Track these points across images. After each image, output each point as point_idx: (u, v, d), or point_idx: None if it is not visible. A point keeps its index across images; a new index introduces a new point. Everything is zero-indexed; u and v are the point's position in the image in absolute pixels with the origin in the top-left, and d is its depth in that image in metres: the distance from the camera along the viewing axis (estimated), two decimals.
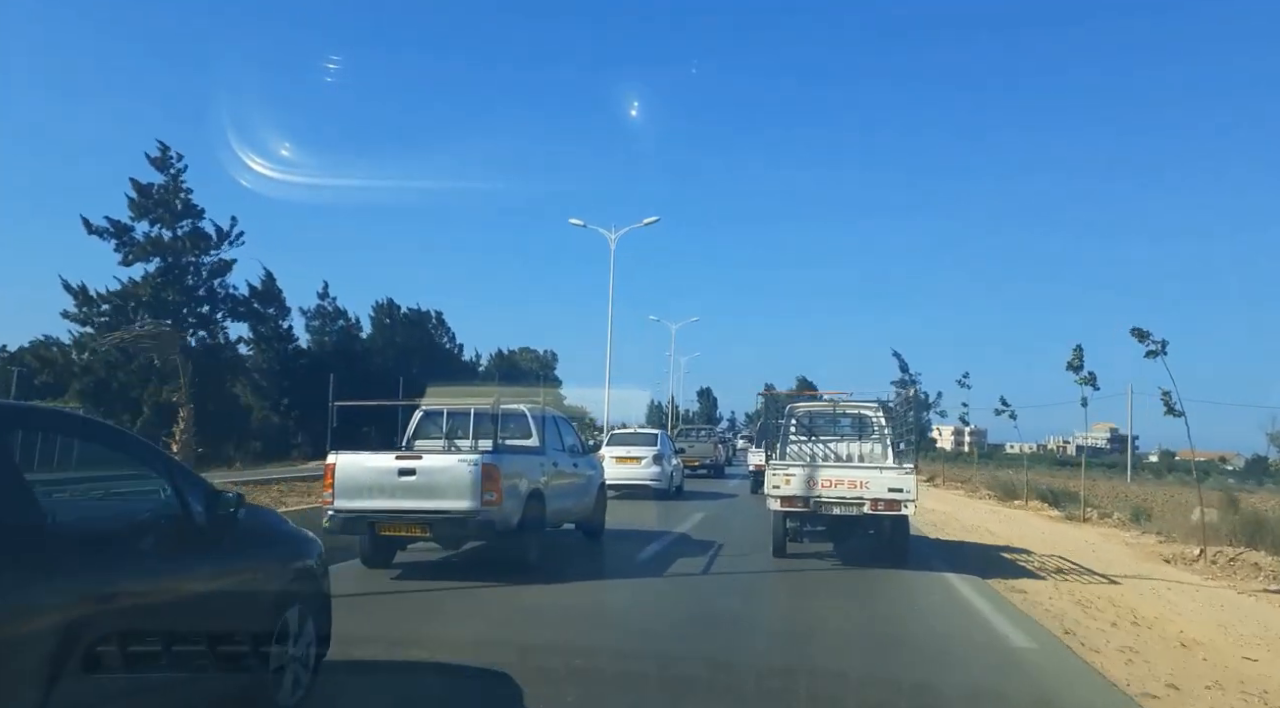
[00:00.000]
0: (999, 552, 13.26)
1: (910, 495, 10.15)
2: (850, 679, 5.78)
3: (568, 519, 11.76)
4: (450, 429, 11.34)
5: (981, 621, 7.98)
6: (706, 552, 11.78)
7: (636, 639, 7.00)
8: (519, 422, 11.10)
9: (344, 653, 5.77)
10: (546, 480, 10.43)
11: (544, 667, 5.80)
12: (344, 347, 44.32)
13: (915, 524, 12.77)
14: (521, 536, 9.55)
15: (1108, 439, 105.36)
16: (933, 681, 5.83)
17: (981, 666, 6.42)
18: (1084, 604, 8.94)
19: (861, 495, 10.25)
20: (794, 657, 6.51)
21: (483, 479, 8.89)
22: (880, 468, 10.81)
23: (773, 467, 10.95)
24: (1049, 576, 10.91)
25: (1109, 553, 13.93)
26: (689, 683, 5.64)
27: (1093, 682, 6.01)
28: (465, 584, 9.14)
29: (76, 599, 3.24)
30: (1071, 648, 6.93)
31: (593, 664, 5.94)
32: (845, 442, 12.81)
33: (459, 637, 6.75)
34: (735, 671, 5.98)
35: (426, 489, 8.95)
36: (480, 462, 8.95)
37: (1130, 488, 43.36)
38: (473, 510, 8.89)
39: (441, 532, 9.10)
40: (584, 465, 12.43)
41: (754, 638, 7.06)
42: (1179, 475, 58.21)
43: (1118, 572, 11.51)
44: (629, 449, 20.97)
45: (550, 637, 6.93)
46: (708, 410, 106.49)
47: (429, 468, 9.05)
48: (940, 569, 10.72)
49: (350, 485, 9.08)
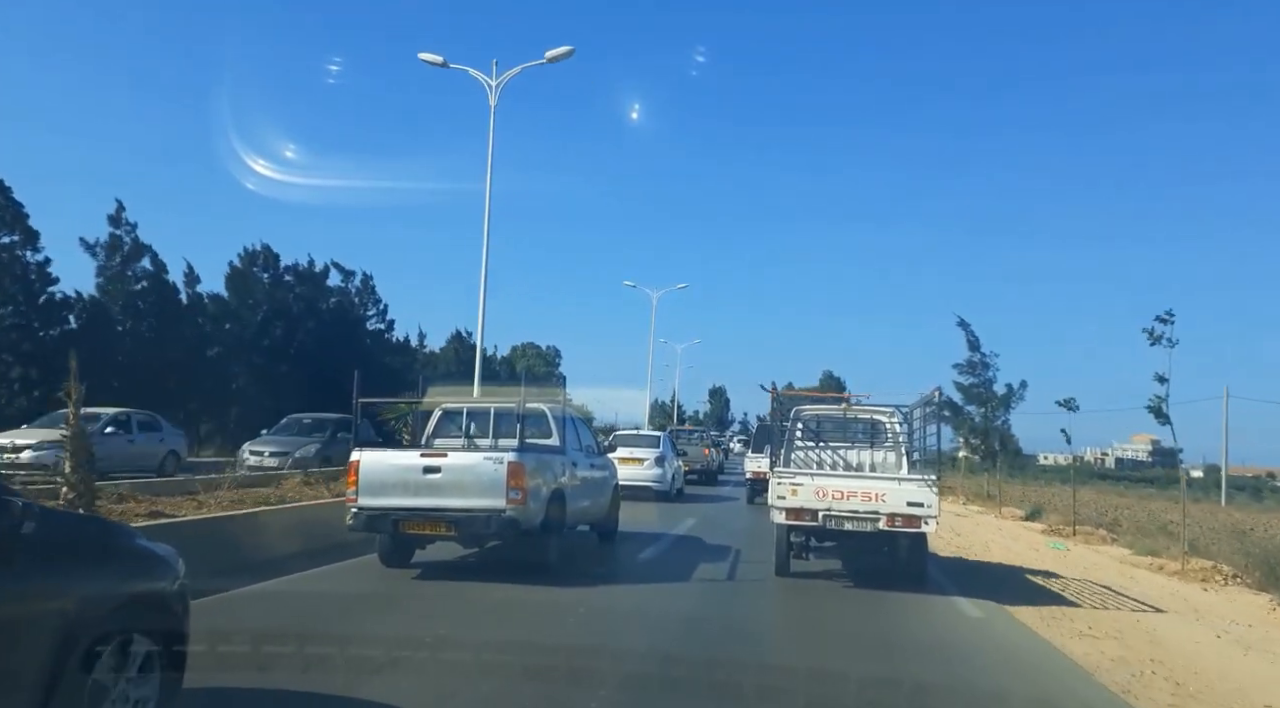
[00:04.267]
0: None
1: (932, 511, 9.38)
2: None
3: (585, 520, 11.68)
4: (467, 428, 11.26)
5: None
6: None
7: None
8: (539, 421, 11.02)
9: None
10: (567, 481, 10.36)
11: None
12: (162, 304, 31.71)
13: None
14: (543, 536, 9.48)
15: (1149, 452, 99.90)
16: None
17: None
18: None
19: (877, 510, 9.43)
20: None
21: (509, 477, 8.81)
22: (899, 480, 9.97)
23: (777, 475, 10.04)
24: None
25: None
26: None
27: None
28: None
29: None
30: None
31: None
32: (856, 449, 11.92)
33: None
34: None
35: (451, 487, 8.86)
36: (507, 460, 8.87)
37: (1230, 514, 31.68)
38: (498, 509, 8.81)
39: (466, 531, 9.01)
40: (600, 466, 12.36)
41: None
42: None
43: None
44: (632, 450, 21.02)
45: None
46: (719, 411, 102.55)
47: (455, 466, 8.96)
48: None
49: (374, 483, 8.98)
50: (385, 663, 5.60)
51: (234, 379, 34.47)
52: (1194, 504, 33.92)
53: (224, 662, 5.20)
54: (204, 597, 5.90)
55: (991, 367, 35.53)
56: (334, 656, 5.66)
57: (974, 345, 35.80)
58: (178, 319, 32.22)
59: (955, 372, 36.09)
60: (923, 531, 9.60)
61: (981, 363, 35.65)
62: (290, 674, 5.27)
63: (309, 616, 7.42)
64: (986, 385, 35.44)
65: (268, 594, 8.02)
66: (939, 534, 13.03)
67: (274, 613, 7.47)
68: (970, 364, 35.99)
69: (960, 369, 36.17)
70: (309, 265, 39.23)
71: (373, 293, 42.06)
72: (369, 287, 41.60)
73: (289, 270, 38.25)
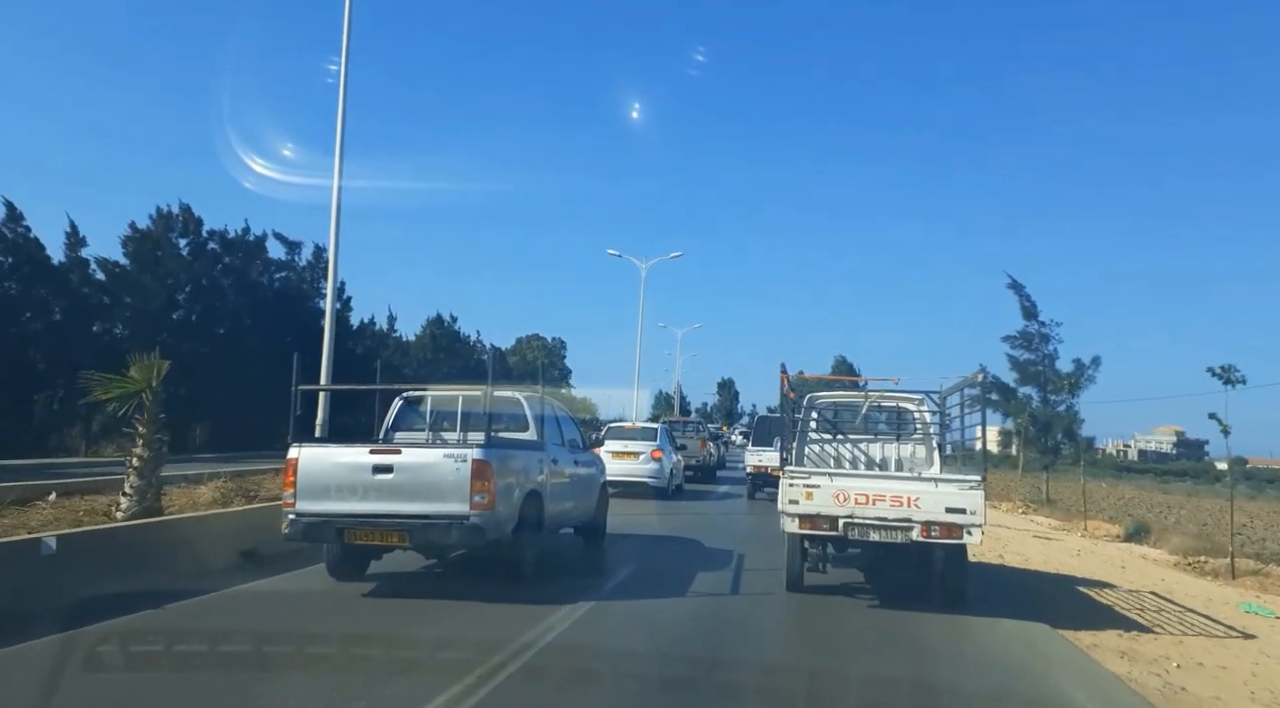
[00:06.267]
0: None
1: (976, 518, 7.81)
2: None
3: (568, 522, 10.42)
4: (435, 421, 9.96)
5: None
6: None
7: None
8: (513, 413, 9.73)
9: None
10: (545, 479, 9.08)
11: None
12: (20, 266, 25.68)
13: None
14: (516, 544, 8.19)
15: (1173, 443, 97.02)
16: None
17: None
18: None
19: (910, 517, 7.94)
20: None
21: (473, 478, 7.52)
22: (936, 480, 8.41)
23: (789, 475, 8.43)
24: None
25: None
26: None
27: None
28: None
29: None
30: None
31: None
32: (880, 442, 10.39)
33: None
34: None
35: (406, 490, 7.56)
36: (471, 458, 7.57)
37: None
38: (460, 515, 7.52)
39: (423, 540, 7.69)
40: (585, 462, 11.07)
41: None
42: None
43: None
44: (626, 444, 19.49)
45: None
46: (728, 404, 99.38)
47: (409, 464, 7.65)
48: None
49: (315, 484, 7.67)
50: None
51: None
52: (1212, 497, 31.71)
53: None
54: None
55: (1053, 339, 28.59)
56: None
57: (1030, 312, 28.76)
58: (42, 283, 25.95)
59: (1007, 345, 29.46)
60: (964, 541, 8.02)
61: (1040, 334, 28.68)
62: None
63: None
64: (1047, 362, 28.79)
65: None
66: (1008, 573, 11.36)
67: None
68: (1025, 337, 28.93)
69: (1013, 343, 29.19)
70: (241, 233, 33.28)
71: (325, 268, 36.99)
72: (321, 261, 34.20)
73: (215, 237, 32.25)
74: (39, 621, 5.88)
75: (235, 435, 28.04)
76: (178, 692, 5.10)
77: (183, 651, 5.89)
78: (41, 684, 4.86)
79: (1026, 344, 28.96)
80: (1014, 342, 29.08)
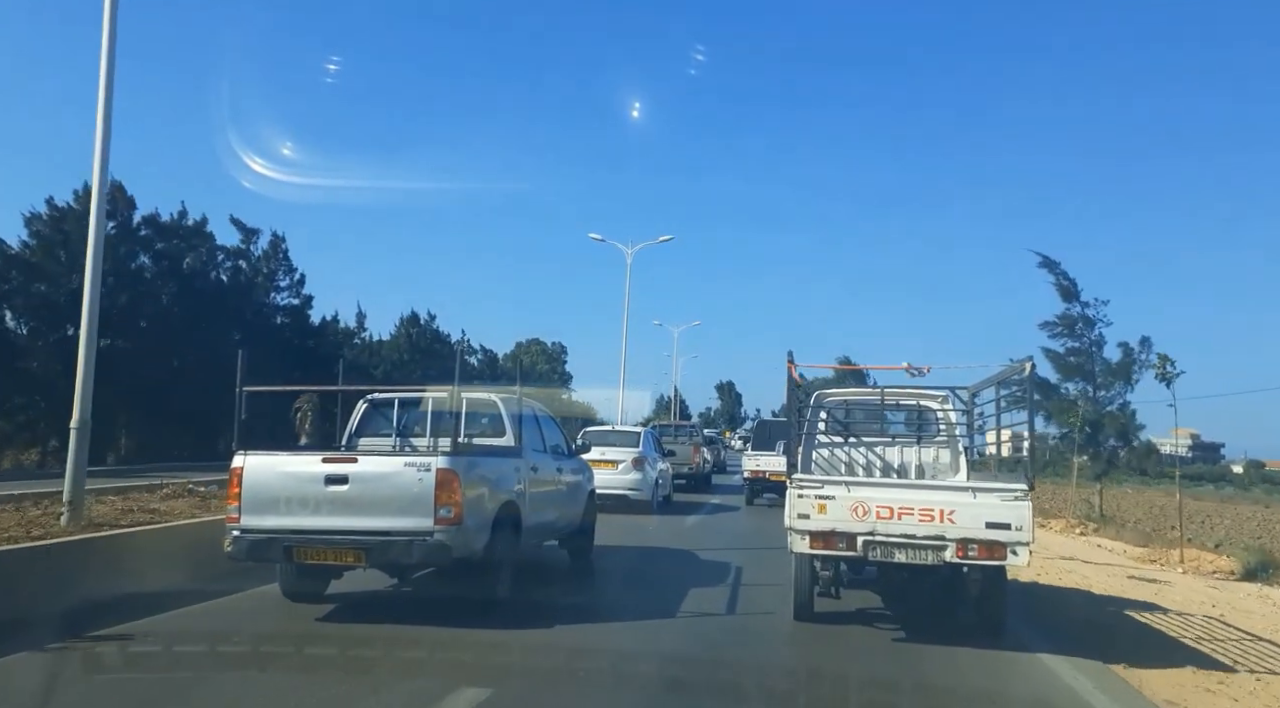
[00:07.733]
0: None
1: (1023, 535, 6.58)
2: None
3: (551, 535, 9.62)
4: (404, 426, 9.17)
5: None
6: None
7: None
8: (489, 416, 8.96)
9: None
10: (523, 488, 8.28)
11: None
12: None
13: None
14: (488, 562, 7.38)
15: (1189, 446, 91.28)
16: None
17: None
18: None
19: (943, 534, 6.70)
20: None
21: (437, 489, 6.73)
22: (973, 490, 7.15)
23: (798, 484, 7.14)
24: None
25: None
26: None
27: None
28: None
29: None
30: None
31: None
32: (899, 446, 9.17)
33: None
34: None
35: (362, 502, 6.78)
36: (435, 467, 6.79)
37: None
38: (423, 531, 6.73)
39: (381, 559, 6.90)
40: (572, 469, 10.26)
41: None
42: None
43: None
44: (603, 451, 16.65)
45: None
46: (729, 408, 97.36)
47: (366, 475, 6.86)
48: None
49: (261, 497, 6.88)
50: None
51: (32, 357, 25.10)
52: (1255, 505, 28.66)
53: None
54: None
55: (1098, 323, 23.11)
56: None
57: (1069, 292, 23.25)
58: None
59: (1045, 334, 23.88)
60: (1004, 563, 6.79)
61: (1083, 319, 23.15)
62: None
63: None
64: (1093, 351, 23.39)
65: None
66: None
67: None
68: (1066, 321, 23.29)
69: (1051, 331, 23.57)
70: (178, 217, 29.95)
71: (285, 259, 32.87)
72: (279, 251, 32.14)
73: (147, 222, 28.92)
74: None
75: (167, 443, 26.34)
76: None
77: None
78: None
79: (1069, 330, 23.48)
80: (1053, 329, 23.64)
